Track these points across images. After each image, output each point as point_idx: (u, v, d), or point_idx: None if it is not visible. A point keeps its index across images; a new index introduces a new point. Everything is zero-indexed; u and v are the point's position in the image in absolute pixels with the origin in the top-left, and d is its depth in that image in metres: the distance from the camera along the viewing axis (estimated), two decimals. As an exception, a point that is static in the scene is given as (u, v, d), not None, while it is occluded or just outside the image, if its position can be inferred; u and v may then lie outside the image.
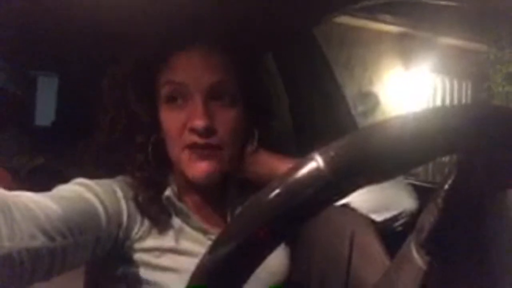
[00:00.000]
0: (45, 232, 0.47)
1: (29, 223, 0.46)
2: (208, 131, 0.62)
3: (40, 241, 0.46)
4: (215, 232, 0.67)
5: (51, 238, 0.48)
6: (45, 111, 1.85)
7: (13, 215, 0.45)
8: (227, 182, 0.70)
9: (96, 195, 0.59)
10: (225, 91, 0.65)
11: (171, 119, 0.65)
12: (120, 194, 0.63)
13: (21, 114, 1.58)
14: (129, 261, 0.62)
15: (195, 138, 0.62)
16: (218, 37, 0.67)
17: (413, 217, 0.66)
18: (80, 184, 0.60)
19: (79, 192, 0.58)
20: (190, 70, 0.64)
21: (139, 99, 0.67)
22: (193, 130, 0.62)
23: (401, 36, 4.27)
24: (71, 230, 0.51)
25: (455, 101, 4.65)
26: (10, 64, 1.71)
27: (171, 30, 0.67)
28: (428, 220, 0.33)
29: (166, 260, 0.63)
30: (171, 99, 0.65)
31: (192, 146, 0.63)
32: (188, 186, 0.68)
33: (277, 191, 0.26)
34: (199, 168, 0.63)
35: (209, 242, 0.30)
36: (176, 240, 0.65)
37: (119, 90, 0.67)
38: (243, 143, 0.69)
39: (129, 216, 0.63)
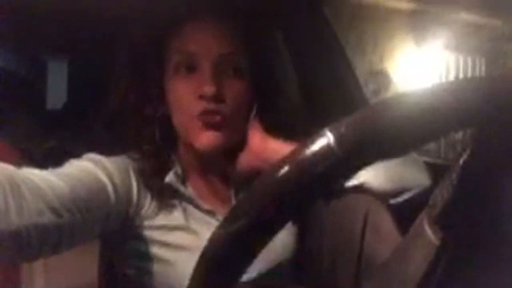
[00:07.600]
0: (52, 209, 0.48)
1: (37, 199, 0.47)
2: (217, 98, 0.61)
3: (47, 217, 0.47)
4: (222, 213, 0.67)
5: (59, 215, 0.48)
6: (56, 95, 1.86)
7: (22, 192, 0.45)
8: (231, 162, 0.69)
9: (106, 171, 0.59)
10: (234, 62, 0.64)
11: (180, 88, 0.64)
12: (131, 170, 0.63)
13: (31, 97, 1.60)
14: (139, 238, 0.63)
15: (204, 105, 0.62)
16: (229, 7, 0.66)
17: (425, 195, 0.66)
18: (91, 159, 0.60)
19: (88, 168, 0.58)
20: (200, 40, 0.63)
21: (154, 67, 0.66)
22: (202, 97, 0.61)
23: (413, 13, 4.17)
24: (78, 207, 0.51)
25: (469, 79, 4.55)
26: (21, 49, 1.72)
27: None
28: (441, 196, 0.32)
29: (176, 238, 0.64)
30: (180, 69, 0.64)
31: (202, 113, 0.62)
32: (193, 164, 0.68)
33: (287, 167, 0.26)
34: (206, 137, 0.62)
35: (217, 223, 0.30)
36: (185, 218, 0.65)
37: (137, 57, 0.67)
38: (246, 117, 0.68)
39: (139, 193, 0.63)
